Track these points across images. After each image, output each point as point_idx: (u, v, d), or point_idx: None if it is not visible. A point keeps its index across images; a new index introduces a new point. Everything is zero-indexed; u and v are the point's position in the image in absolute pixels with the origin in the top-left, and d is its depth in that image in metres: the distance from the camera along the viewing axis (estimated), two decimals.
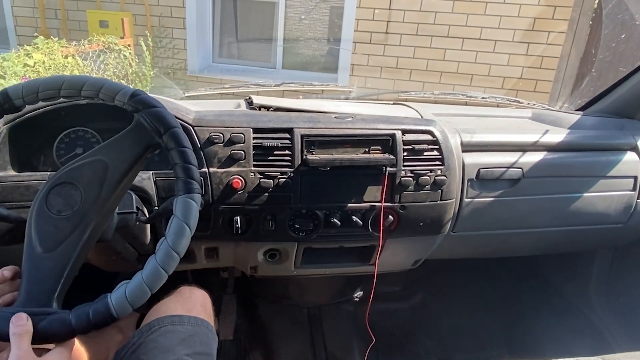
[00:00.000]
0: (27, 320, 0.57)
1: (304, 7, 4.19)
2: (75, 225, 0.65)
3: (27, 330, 0.56)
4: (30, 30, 4.51)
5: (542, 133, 1.25)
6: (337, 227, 1.04)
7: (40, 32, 4.23)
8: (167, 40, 4.17)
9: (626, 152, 1.25)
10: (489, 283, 1.84)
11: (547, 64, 3.89)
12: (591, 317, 1.57)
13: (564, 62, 3.76)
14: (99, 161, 0.66)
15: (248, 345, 1.53)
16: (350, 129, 1.03)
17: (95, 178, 0.66)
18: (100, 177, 0.66)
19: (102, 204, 0.66)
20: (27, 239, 0.65)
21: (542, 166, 1.17)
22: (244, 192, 0.97)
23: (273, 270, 1.21)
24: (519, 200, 1.17)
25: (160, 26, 4.21)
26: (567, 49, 3.72)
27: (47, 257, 0.64)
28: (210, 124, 0.97)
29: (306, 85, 1.55)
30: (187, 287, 1.01)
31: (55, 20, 4.48)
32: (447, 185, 1.06)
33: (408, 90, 1.58)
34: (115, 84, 0.68)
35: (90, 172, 0.66)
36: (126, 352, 0.81)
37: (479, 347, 1.64)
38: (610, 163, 1.22)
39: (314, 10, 4.21)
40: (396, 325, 1.69)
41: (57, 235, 0.65)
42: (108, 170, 0.66)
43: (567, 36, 3.73)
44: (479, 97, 1.56)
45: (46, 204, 0.66)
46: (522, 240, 1.27)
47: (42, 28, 4.50)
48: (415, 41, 3.90)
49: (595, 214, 1.24)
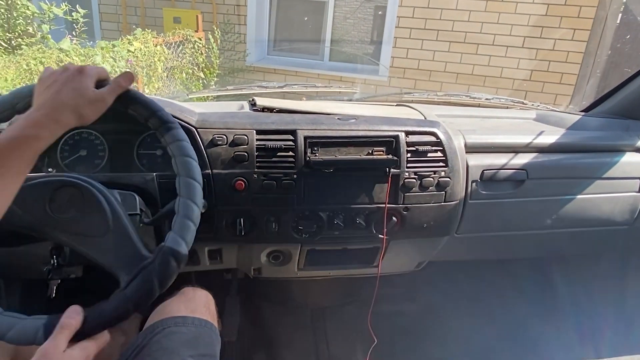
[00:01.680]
0: (79, 315, 0.60)
1: (350, 5, 4.72)
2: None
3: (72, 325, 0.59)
4: (113, 25, 5.19)
5: (546, 134, 1.25)
6: (341, 229, 1.04)
7: (121, 27, 5.04)
8: (230, 34, 4.78)
9: (631, 153, 1.24)
10: (493, 285, 1.83)
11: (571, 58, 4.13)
12: (597, 321, 1.56)
13: (590, 58, 3.80)
14: None
15: (251, 346, 1.53)
16: (354, 130, 1.02)
17: None
18: None
19: None
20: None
21: (547, 167, 1.16)
22: (247, 193, 0.97)
23: (276, 272, 1.21)
24: (524, 201, 1.17)
25: (225, 22, 4.79)
26: (594, 46, 3.77)
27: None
28: (213, 125, 0.97)
29: (309, 87, 1.55)
30: (190, 288, 1.01)
31: (135, 17, 5.13)
32: (451, 186, 1.05)
33: (411, 92, 1.58)
34: None
35: None
36: (130, 354, 0.81)
37: (483, 350, 1.63)
38: (615, 164, 1.21)
39: (360, 8, 4.71)
40: (399, 327, 1.69)
41: None
42: None
43: (592, 34, 3.82)
44: (482, 98, 1.55)
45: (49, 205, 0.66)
46: (526, 242, 1.27)
47: (123, 23, 5.12)
48: (451, 36, 4.30)
49: (600, 216, 1.23)
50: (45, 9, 3.56)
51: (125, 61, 3.38)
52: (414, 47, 4.45)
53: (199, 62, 4.23)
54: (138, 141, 0.99)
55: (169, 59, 3.87)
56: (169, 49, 3.87)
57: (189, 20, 4.55)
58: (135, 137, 0.99)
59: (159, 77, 3.80)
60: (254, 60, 4.86)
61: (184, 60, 4.06)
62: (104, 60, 3.20)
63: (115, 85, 0.66)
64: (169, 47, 3.89)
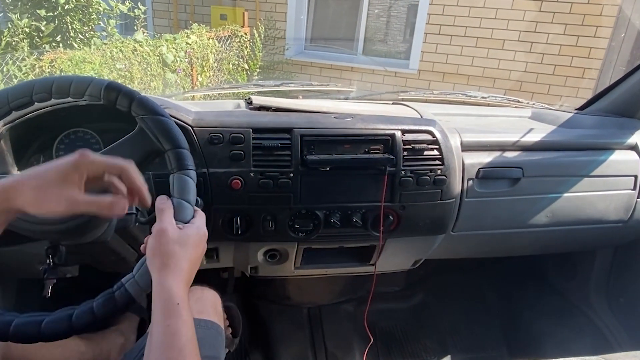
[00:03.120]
0: (167, 199, 0.66)
1: (383, 3, 5.08)
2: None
3: (168, 206, 0.65)
4: (164, 21, 5.71)
5: (542, 132, 1.25)
6: (337, 228, 1.04)
7: (172, 23, 5.56)
8: (271, 30, 5.21)
9: (626, 151, 1.25)
10: (489, 283, 1.84)
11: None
12: (591, 317, 1.57)
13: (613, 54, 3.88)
14: None
15: (248, 345, 1.53)
16: (350, 129, 1.02)
17: None
18: None
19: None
20: None
21: (542, 165, 1.17)
22: (243, 192, 0.97)
23: (273, 270, 1.21)
24: (519, 199, 1.17)
25: (268, 19, 5.22)
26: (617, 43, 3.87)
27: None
28: (210, 124, 0.97)
29: (305, 86, 1.55)
30: (198, 288, 1.01)
31: (184, 14, 5.63)
32: (447, 185, 1.06)
33: (407, 90, 1.58)
34: (84, 78, 0.70)
35: None
36: (136, 354, 0.81)
37: (479, 347, 1.64)
38: (610, 162, 1.22)
39: (393, 5, 5.06)
40: (396, 325, 1.69)
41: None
42: None
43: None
44: (478, 96, 1.55)
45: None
46: (522, 240, 1.27)
47: (174, 20, 5.62)
48: (478, 32, 4.60)
49: (595, 214, 1.24)
50: (113, 6, 4.07)
51: (184, 52, 3.87)
52: (443, 43, 4.72)
53: (244, 55, 4.71)
54: None
55: (219, 51, 4.36)
56: (219, 43, 4.36)
57: (234, 17, 5.06)
58: None
59: (210, 67, 4.24)
60: (292, 54, 5.25)
61: (231, 52, 4.56)
62: (168, 50, 3.71)
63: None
64: (219, 40, 4.37)
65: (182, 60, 3.88)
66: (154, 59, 3.65)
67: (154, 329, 0.57)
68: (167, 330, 0.56)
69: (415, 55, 4.86)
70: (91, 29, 4.11)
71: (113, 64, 3.35)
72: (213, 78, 4.32)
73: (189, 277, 0.62)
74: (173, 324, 0.56)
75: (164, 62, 3.73)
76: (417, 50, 4.84)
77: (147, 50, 3.60)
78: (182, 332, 0.56)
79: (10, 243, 0.82)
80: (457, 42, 4.67)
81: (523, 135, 1.21)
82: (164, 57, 3.70)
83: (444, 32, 4.69)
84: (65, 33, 3.90)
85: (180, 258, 0.60)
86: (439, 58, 4.78)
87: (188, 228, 0.64)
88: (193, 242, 0.63)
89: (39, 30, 3.70)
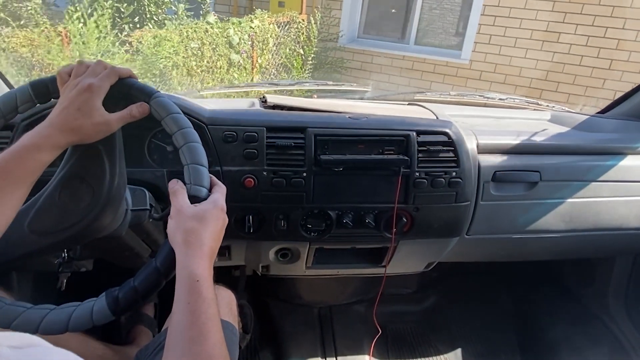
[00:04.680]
0: (178, 181, 0.67)
1: None
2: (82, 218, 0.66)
3: (180, 187, 0.66)
4: (224, 7, 5.74)
5: (560, 135, 1.23)
6: (350, 228, 1.03)
7: (232, 10, 5.66)
8: (326, 17, 5.33)
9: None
10: (504, 288, 1.81)
11: None
12: (609, 325, 1.53)
13: None
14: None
15: (258, 344, 1.54)
16: (365, 129, 1.02)
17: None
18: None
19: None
20: (20, 212, 0.65)
21: (561, 169, 1.14)
22: (256, 191, 0.97)
23: (284, 269, 1.21)
24: (536, 203, 1.15)
25: (324, 7, 5.32)
26: None
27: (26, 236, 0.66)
28: (224, 122, 0.97)
29: (320, 85, 1.55)
30: (214, 286, 1.01)
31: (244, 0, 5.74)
32: (462, 187, 1.04)
33: (424, 91, 1.57)
34: None
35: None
36: (151, 352, 0.81)
37: (493, 352, 1.62)
38: (631, 167, 1.19)
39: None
40: (408, 327, 1.68)
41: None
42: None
43: None
44: (496, 98, 1.53)
45: (59, 193, 0.67)
46: (538, 245, 1.25)
47: (234, 6, 5.73)
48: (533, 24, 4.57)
49: (615, 220, 1.21)
50: None
51: (247, 35, 4.18)
52: (497, 34, 4.73)
53: (300, 40, 4.93)
54: (149, 137, 0.99)
55: (278, 36, 4.62)
56: (278, 28, 4.62)
57: (291, 4, 5.19)
58: (147, 132, 0.99)
59: (269, 50, 4.51)
60: (345, 41, 5.37)
61: (289, 38, 4.81)
62: (235, 32, 4.04)
63: (126, 114, 0.67)
64: (278, 26, 4.62)
65: (245, 42, 4.19)
66: (221, 40, 4.00)
67: (174, 308, 0.56)
68: (186, 308, 0.55)
69: (468, 45, 4.89)
70: (163, 11, 4.47)
71: (188, 42, 3.74)
72: (271, 61, 4.58)
73: (212, 252, 0.62)
74: (193, 301, 0.55)
75: (230, 44, 4.07)
76: (470, 40, 4.87)
77: (217, 32, 3.96)
78: (202, 309, 0.55)
79: None
80: (511, 34, 4.67)
81: (541, 138, 1.19)
82: (230, 39, 4.03)
83: (498, 24, 4.70)
84: (142, 15, 4.29)
85: (200, 233, 0.61)
86: (492, 49, 4.79)
87: (204, 203, 0.64)
88: (211, 216, 0.63)
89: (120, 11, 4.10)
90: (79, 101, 0.62)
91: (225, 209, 0.67)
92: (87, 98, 0.62)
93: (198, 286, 0.56)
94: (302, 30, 4.91)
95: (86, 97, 0.62)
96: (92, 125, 0.63)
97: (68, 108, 0.62)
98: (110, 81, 0.65)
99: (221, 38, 3.99)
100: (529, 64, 4.66)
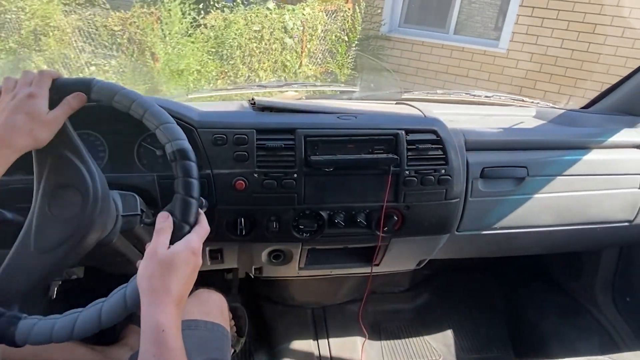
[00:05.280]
0: (169, 217, 0.65)
1: None
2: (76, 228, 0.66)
3: (167, 227, 0.64)
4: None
5: (546, 131, 1.25)
6: (342, 228, 1.04)
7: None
8: (369, 7, 5.58)
9: (632, 149, 1.24)
10: (495, 282, 1.83)
11: None
12: (597, 316, 1.56)
13: None
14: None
15: (253, 346, 1.53)
16: (354, 129, 1.02)
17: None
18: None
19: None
20: (22, 236, 0.65)
21: (547, 164, 1.16)
22: (247, 193, 0.97)
23: (277, 271, 1.21)
24: (524, 198, 1.17)
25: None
26: None
27: (38, 257, 0.65)
28: (213, 125, 0.97)
29: (309, 86, 1.55)
30: (205, 290, 1.01)
31: None
32: (451, 184, 1.05)
33: (411, 90, 1.58)
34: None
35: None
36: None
37: (485, 347, 1.63)
38: (616, 161, 1.21)
39: None
40: (401, 325, 1.69)
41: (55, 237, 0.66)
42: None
43: None
44: (482, 95, 1.55)
45: (48, 205, 0.66)
46: (527, 240, 1.27)
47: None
48: (570, 16, 4.67)
49: (601, 213, 1.23)
50: None
51: (300, 21, 4.57)
52: (535, 25, 4.84)
53: (345, 28, 5.25)
54: (138, 141, 0.99)
55: (325, 23, 4.99)
56: (326, 15, 5.01)
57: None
58: (136, 137, 0.98)
59: (317, 36, 4.89)
60: (386, 30, 5.63)
61: (335, 25, 5.17)
62: (290, 18, 4.45)
63: (66, 105, 0.67)
64: (326, 13, 5.01)
65: (298, 28, 4.57)
66: (278, 24, 4.41)
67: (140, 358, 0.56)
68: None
69: (506, 35, 5.03)
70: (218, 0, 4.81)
71: (250, 26, 4.20)
72: (318, 46, 4.96)
73: (180, 299, 0.60)
74: (159, 353, 0.55)
75: (285, 29, 4.46)
76: (508, 30, 5.00)
77: (274, 17, 4.40)
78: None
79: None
80: (548, 25, 4.78)
81: (527, 134, 1.21)
82: (285, 24, 4.42)
83: (536, 15, 4.81)
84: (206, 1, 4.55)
85: (167, 280, 0.59)
86: (529, 39, 4.91)
87: (178, 245, 0.63)
88: (181, 261, 0.61)
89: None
90: (27, 108, 0.62)
91: (198, 251, 0.65)
92: (32, 104, 0.63)
93: (164, 337, 0.55)
94: (348, 19, 5.21)
95: (31, 103, 0.63)
96: (42, 125, 0.63)
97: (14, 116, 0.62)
98: (47, 84, 0.66)
99: (277, 23, 4.36)
100: (564, 53, 4.77)
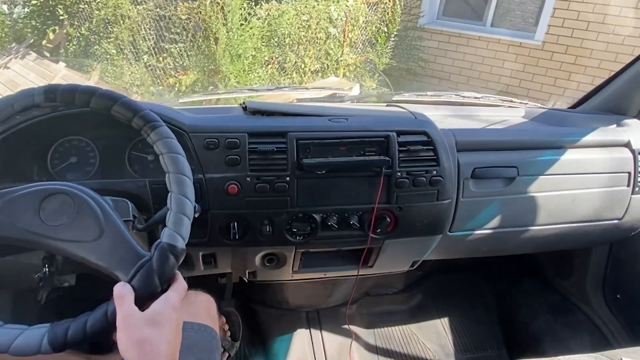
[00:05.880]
0: (125, 285, 0.60)
1: None
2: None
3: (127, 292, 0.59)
4: None
5: (535, 131, 1.26)
6: (335, 230, 1.04)
7: None
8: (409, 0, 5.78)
9: (619, 148, 1.26)
10: (487, 282, 1.85)
11: None
12: (589, 314, 1.58)
13: None
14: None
15: (247, 350, 1.53)
16: (345, 131, 1.03)
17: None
18: None
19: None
20: None
21: (537, 164, 1.17)
22: (240, 197, 0.97)
23: (271, 275, 1.20)
24: (515, 198, 1.18)
25: None
26: None
27: None
28: (205, 129, 0.97)
29: (300, 89, 1.55)
30: (192, 292, 1.00)
31: None
32: (442, 185, 1.06)
33: (401, 92, 1.59)
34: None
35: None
36: None
37: (479, 346, 1.64)
38: (604, 159, 1.23)
39: None
40: (395, 326, 1.69)
41: None
42: None
43: None
44: (471, 97, 1.56)
45: (39, 214, 0.66)
46: (518, 239, 1.28)
47: None
48: (606, 9, 4.69)
49: (590, 211, 1.25)
50: None
51: (344, 12, 4.75)
52: (570, 18, 4.90)
53: (385, 19, 5.37)
54: (129, 147, 0.98)
55: (366, 14, 5.11)
56: (367, 7, 5.11)
57: None
58: (126, 142, 0.98)
59: (359, 27, 5.03)
60: (424, 22, 5.78)
61: (375, 16, 5.30)
62: (335, 9, 4.65)
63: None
64: (367, 5, 5.11)
65: (341, 18, 4.76)
66: (324, 15, 4.61)
67: None
68: None
69: (542, 28, 5.09)
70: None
71: (300, 16, 4.43)
72: (359, 36, 5.11)
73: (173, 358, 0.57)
74: None
75: (330, 19, 4.65)
76: (544, 23, 5.06)
77: (321, 8, 4.62)
78: None
79: (5, 254, 0.82)
80: (584, 18, 4.81)
81: (517, 134, 1.22)
82: (330, 14, 4.62)
83: (572, 8, 4.87)
84: None
85: (156, 341, 0.55)
86: (565, 32, 4.97)
87: (156, 303, 0.59)
88: (166, 319, 0.57)
89: None
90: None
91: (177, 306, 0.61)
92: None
93: None
94: (388, 10, 5.32)
95: None
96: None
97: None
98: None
99: (323, 13, 4.57)
100: (599, 46, 4.79)
